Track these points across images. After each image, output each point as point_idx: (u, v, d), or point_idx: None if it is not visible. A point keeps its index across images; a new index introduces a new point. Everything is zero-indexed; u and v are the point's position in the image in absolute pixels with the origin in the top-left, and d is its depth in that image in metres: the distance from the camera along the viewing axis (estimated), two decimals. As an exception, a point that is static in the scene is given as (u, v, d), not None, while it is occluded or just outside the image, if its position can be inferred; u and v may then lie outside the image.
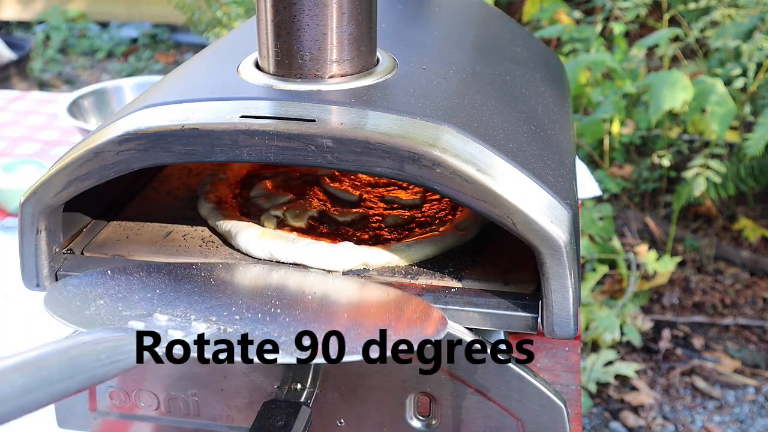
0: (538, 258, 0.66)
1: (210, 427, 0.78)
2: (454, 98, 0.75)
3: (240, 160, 0.68)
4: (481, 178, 0.65)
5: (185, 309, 0.65)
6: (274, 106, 0.70)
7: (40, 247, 0.75)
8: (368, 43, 0.77)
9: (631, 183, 2.99)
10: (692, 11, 2.97)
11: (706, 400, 2.27)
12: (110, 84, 1.60)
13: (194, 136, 0.68)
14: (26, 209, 0.73)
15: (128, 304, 0.65)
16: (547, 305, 0.68)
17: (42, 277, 0.76)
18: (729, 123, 2.33)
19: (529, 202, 0.66)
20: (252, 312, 0.65)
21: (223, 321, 0.63)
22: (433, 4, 1.03)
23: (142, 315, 0.63)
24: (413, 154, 0.65)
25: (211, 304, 0.66)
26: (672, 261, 2.43)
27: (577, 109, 2.93)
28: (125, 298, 0.66)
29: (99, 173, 0.71)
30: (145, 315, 0.63)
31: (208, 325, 0.62)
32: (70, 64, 5.05)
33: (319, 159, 0.66)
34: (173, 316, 0.63)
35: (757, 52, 2.44)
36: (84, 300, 0.65)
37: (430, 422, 0.74)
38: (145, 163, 0.70)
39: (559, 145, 0.80)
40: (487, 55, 0.91)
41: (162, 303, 0.66)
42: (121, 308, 0.64)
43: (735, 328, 2.54)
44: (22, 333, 1.06)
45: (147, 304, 0.65)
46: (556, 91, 0.95)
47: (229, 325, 0.62)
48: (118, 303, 0.65)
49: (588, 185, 1.49)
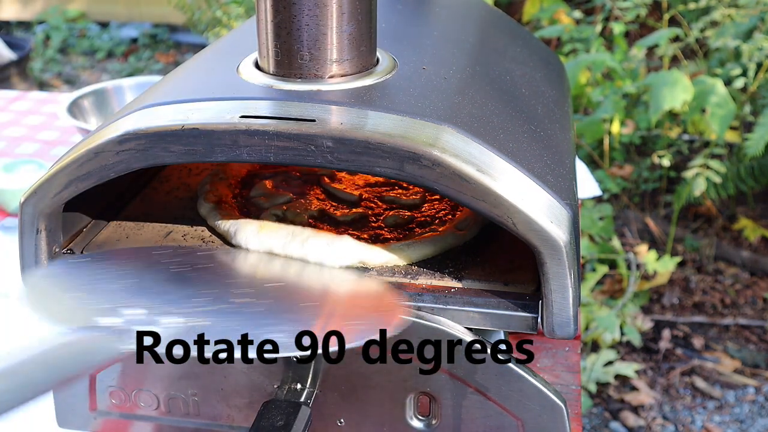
0: (538, 258, 0.66)
1: (210, 426, 0.78)
2: (454, 98, 0.75)
3: (240, 160, 0.68)
4: (481, 178, 0.65)
5: (152, 301, 0.65)
6: (274, 106, 0.70)
7: (40, 247, 0.75)
8: (368, 43, 0.77)
9: (631, 183, 2.99)
10: (692, 11, 2.97)
11: (706, 400, 2.27)
12: (110, 84, 1.60)
13: (194, 136, 0.68)
14: (26, 209, 0.73)
15: (97, 297, 0.65)
16: (547, 305, 0.68)
17: (42, 277, 0.76)
18: (729, 123, 2.33)
19: (529, 202, 0.66)
20: (224, 304, 0.66)
21: (194, 314, 0.63)
22: (433, 4, 1.03)
23: (107, 309, 0.63)
24: (413, 154, 0.65)
25: (182, 294, 0.67)
26: (672, 261, 2.43)
27: (577, 109, 2.93)
28: (96, 288, 0.67)
29: (99, 173, 0.71)
30: (110, 310, 0.63)
31: (175, 319, 0.62)
32: (70, 64, 5.05)
33: (319, 159, 0.66)
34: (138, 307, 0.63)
35: (757, 52, 2.44)
36: (57, 293, 0.66)
37: (430, 422, 0.74)
38: (145, 163, 0.70)
39: (559, 145, 0.80)
40: (487, 55, 0.91)
41: (132, 295, 0.66)
42: (90, 300, 0.64)
43: (735, 328, 2.54)
44: (21, 333, 1.06)
45: (117, 297, 0.66)
46: (556, 91, 0.95)
47: (199, 318, 0.62)
48: (93, 295, 0.66)
49: (588, 185, 1.48)
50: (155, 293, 0.66)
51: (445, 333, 0.70)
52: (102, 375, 0.78)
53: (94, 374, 0.77)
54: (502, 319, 0.70)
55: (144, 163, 0.70)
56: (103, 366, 0.58)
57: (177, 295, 0.66)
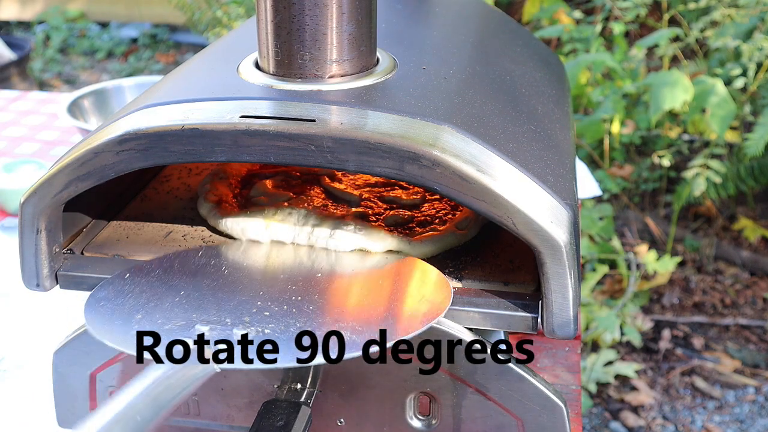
0: (538, 258, 0.66)
1: (210, 426, 0.78)
2: (454, 98, 0.75)
3: (240, 160, 0.68)
4: (481, 178, 0.65)
5: (217, 312, 0.66)
6: (274, 106, 0.70)
7: (40, 247, 0.75)
8: (368, 43, 0.77)
9: (631, 183, 2.99)
10: (692, 11, 2.97)
11: (706, 400, 2.27)
12: (110, 84, 1.60)
13: (194, 136, 0.68)
14: (26, 209, 0.73)
15: (164, 314, 0.66)
16: (547, 305, 0.68)
17: (42, 277, 0.76)
18: (729, 123, 2.33)
19: (529, 202, 0.66)
20: (278, 305, 0.67)
21: (257, 321, 0.64)
22: (433, 4, 1.03)
23: (183, 326, 0.64)
24: (413, 154, 0.65)
25: (237, 300, 0.68)
26: (672, 261, 2.43)
27: (577, 109, 2.93)
28: (158, 306, 0.67)
29: (99, 173, 0.71)
30: (185, 326, 0.64)
31: (246, 328, 0.63)
32: (70, 64, 5.05)
33: (319, 159, 0.66)
34: (211, 323, 0.64)
35: (757, 52, 2.44)
36: (123, 317, 0.66)
37: (430, 422, 0.74)
38: (145, 163, 0.70)
39: (559, 145, 0.80)
40: (487, 55, 0.91)
41: (194, 309, 0.67)
42: (160, 321, 0.65)
43: (735, 328, 2.54)
44: (22, 333, 1.06)
45: (181, 311, 0.66)
46: (556, 91, 0.95)
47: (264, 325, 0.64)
48: (155, 314, 0.66)
49: (588, 185, 1.48)
50: (212, 303, 0.67)
51: (445, 333, 0.70)
52: (102, 375, 0.78)
53: (94, 374, 0.77)
54: (502, 319, 0.70)
55: (144, 163, 0.70)
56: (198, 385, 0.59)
57: (233, 302, 0.68)
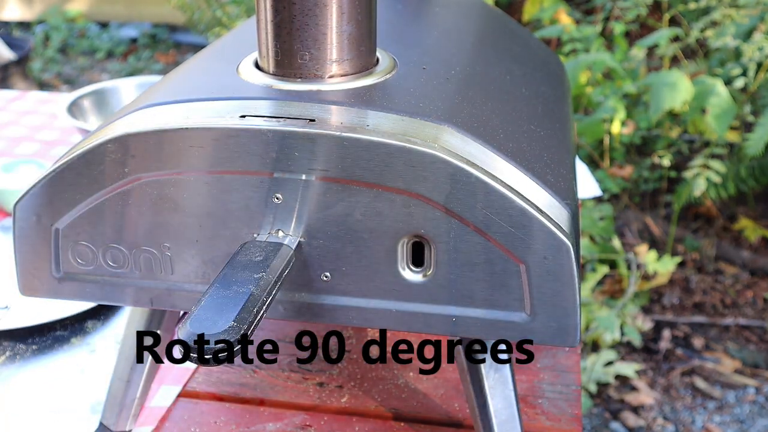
0: (539, 258, 0.66)
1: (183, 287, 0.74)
2: (454, 98, 0.75)
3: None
4: (481, 178, 0.65)
5: None
6: (273, 106, 0.70)
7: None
8: (368, 43, 0.77)
9: (631, 183, 2.99)
10: (692, 11, 2.97)
11: (706, 400, 2.27)
12: (110, 84, 1.60)
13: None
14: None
15: None
16: (547, 305, 0.67)
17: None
18: (729, 123, 2.33)
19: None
20: None
21: None
22: (433, 4, 1.03)
23: None
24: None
25: None
26: (672, 261, 2.43)
27: (577, 109, 2.93)
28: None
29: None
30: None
31: None
32: (69, 64, 5.06)
33: (319, 159, 0.66)
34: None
35: (757, 52, 2.44)
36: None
37: (425, 272, 0.70)
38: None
39: (559, 145, 0.80)
40: (487, 55, 0.91)
41: None
42: None
43: (735, 328, 2.54)
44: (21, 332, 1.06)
45: None
46: (556, 91, 0.95)
47: None
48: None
49: (588, 185, 1.48)
50: None
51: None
52: (67, 229, 0.73)
53: (58, 227, 0.72)
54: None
55: (144, 163, 0.70)
56: None
57: None
